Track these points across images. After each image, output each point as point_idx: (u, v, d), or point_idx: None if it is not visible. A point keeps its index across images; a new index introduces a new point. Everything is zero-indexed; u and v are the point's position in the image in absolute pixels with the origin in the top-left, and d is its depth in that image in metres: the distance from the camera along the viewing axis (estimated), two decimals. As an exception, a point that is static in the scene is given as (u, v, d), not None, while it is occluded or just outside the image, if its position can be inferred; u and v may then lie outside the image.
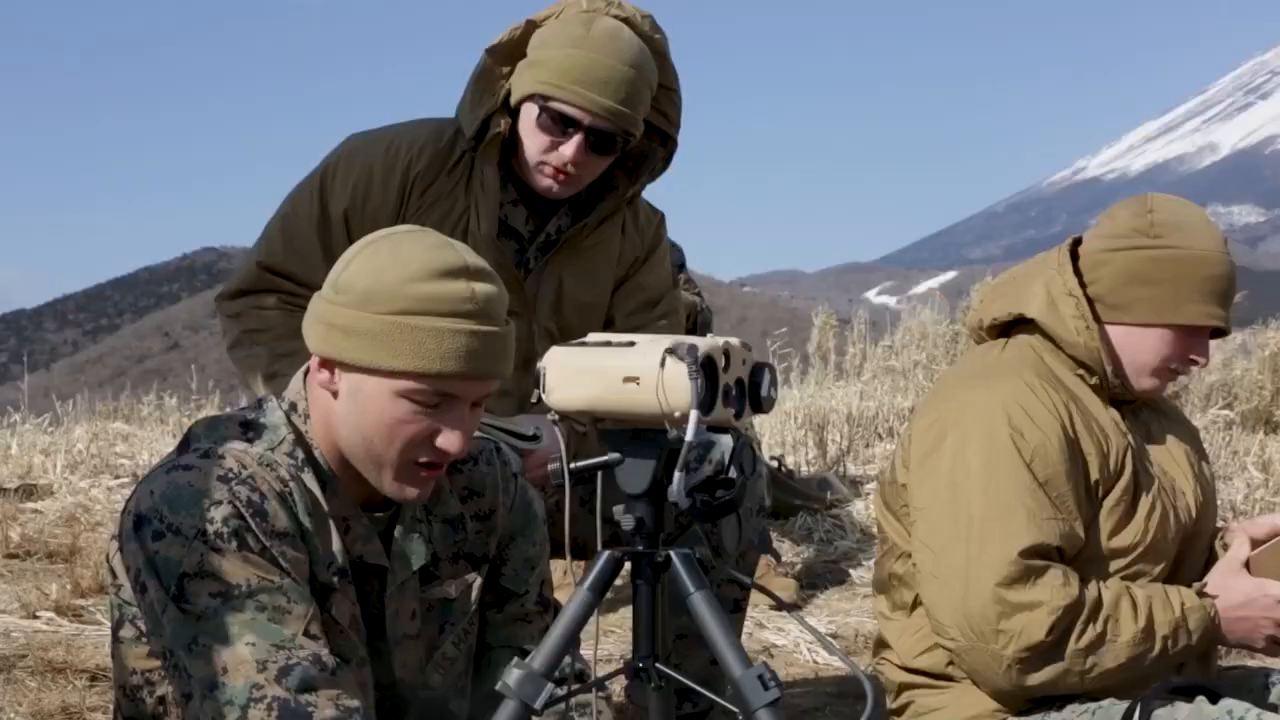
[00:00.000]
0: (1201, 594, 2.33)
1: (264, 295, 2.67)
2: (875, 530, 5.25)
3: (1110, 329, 2.40)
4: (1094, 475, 2.32)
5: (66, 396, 8.05)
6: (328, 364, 1.79)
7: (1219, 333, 2.43)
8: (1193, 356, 2.40)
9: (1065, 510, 2.27)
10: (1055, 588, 2.21)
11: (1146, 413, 2.52)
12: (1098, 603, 2.24)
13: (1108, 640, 2.23)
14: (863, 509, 5.55)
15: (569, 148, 2.55)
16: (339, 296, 1.76)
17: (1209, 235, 2.39)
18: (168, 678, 1.76)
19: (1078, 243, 2.48)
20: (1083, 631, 2.22)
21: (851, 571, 4.91)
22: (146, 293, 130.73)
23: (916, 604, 2.44)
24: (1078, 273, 2.42)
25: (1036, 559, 2.23)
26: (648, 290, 2.81)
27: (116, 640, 1.82)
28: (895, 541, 2.47)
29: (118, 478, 5.91)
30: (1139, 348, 2.39)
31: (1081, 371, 2.41)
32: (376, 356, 1.73)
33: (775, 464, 5.70)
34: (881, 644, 2.55)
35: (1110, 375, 2.40)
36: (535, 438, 2.39)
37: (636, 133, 2.62)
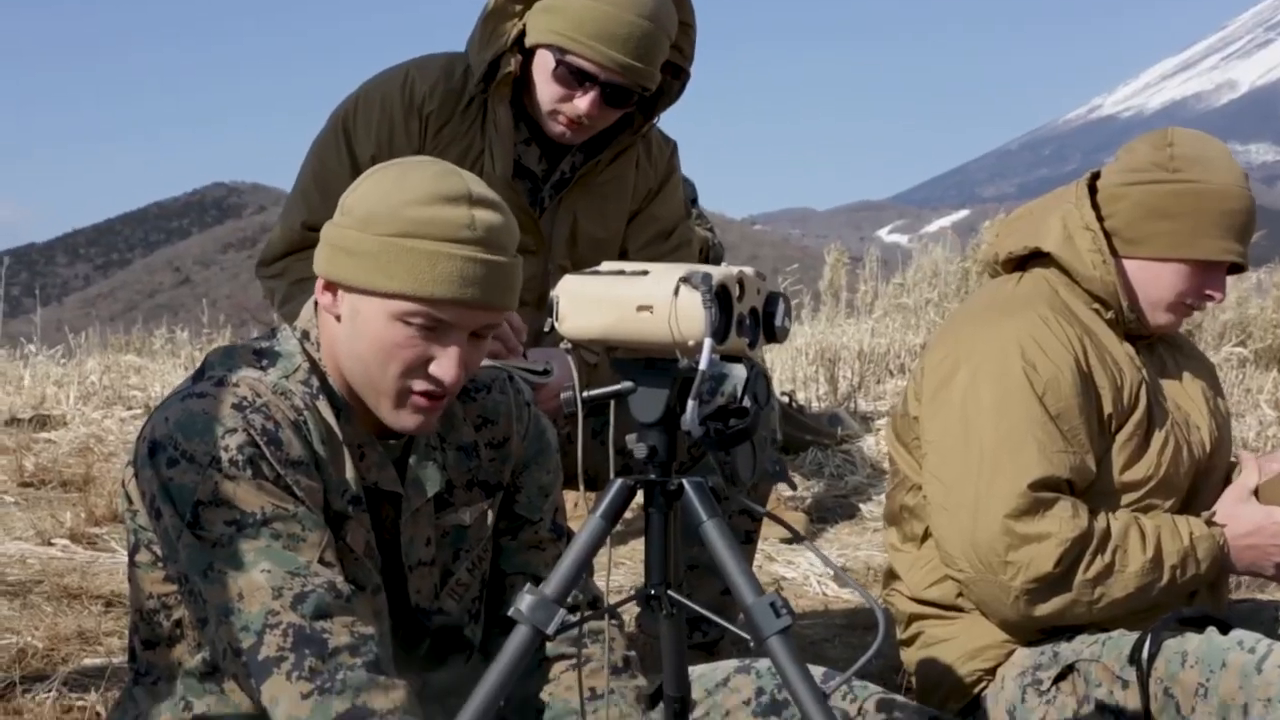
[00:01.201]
0: (1210, 523, 2.34)
1: (304, 251, 2.67)
2: (886, 465, 5.28)
3: (1127, 263, 2.39)
4: (1107, 409, 2.32)
5: (78, 330, 8.08)
6: (331, 286, 1.79)
7: (1236, 268, 2.42)
8: (1209, 292, 2.39)
9: (1077, 444, 2.27)
10: (1064, 520, 2.22)
11: (1162, 348, 2.52)
12: (1106, 534, 2.25)
13: (1115, 570, 2.25)
14: (873, 444, 5.56)
15: (584, 101, 2.54)
16: (343, 218, 1.76)
17: (1229, 170, 2.37)
18: (183, 602, 1.78)
19: (1096, 177, 2.46)
20: (1090, 562, 2.23)
21: (861, 506, 4.93)
22: (156, 228, 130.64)
23: (927, 536, 2.45)
24: (1095, 208, 2.41)
25: (1045, 491, 2.23)
26: (661, 221, 2.80)
27: (133, 565, 1.84)
28: (906, 474, 2.48)
29: (130, 409, 5.94)
30: (1155, 282, 2.38)
31: (1097, 306, 2.41)
32: (373, 278, 1.73)
33: (786, 399, 5.71)
34: (892, 575, 2.56)
35: (1126, 310, 2.39)
36: (546, 372, 2.40)
37: (652, 86, 2.60)
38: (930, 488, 2.37)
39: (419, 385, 1.78)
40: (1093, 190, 2.44)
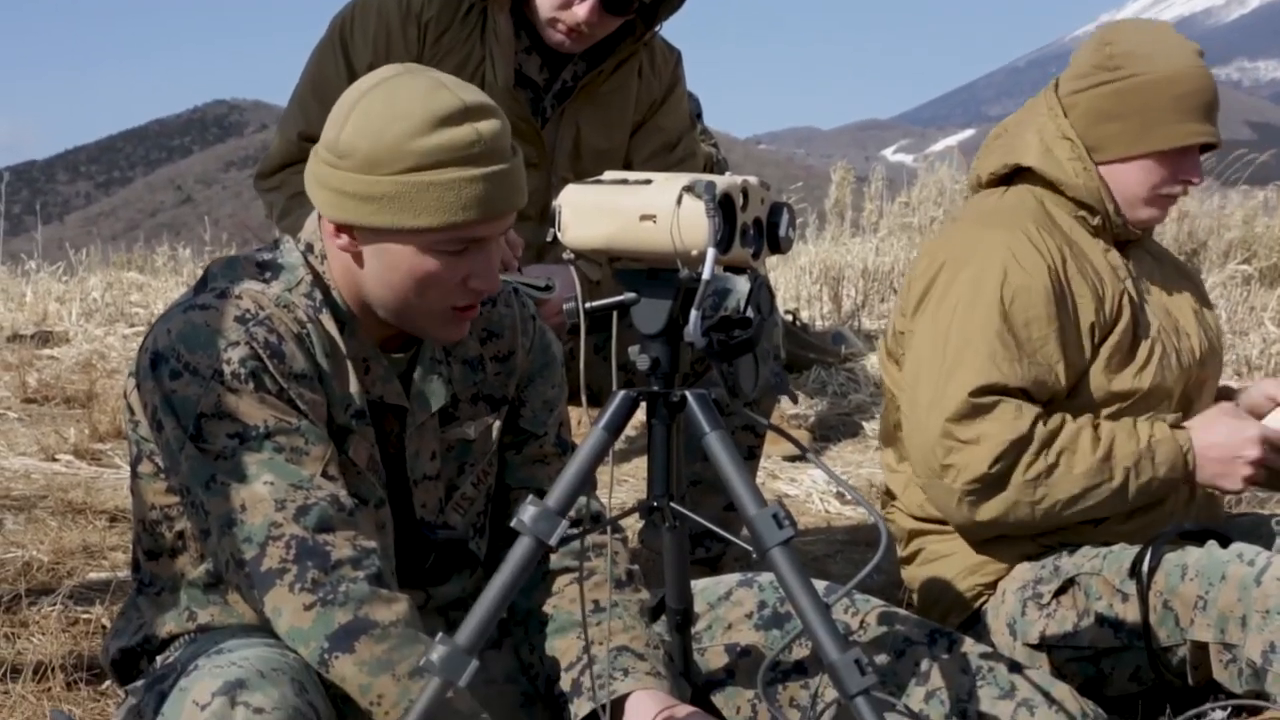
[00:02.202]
0: (1176, 426, 2.32)
1: (303, 163, 2.64)
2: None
3: (1099, 169, 2.38)
4: (1089, 318, 2.32)
5: (80, 248, 8.06)
6: (345, 229, 1.76)
7: (1209, 147, 2.40)
8: (1183, 178, 2.38)
9: (1042, 355, 2.27)
10: (1003, 422, 2.23)
11: (1150, 259, 2.51)
12: (1052, 435, 2.25)
13: (1059, 471, 2.24)
14: (876, 363, 5.54)
15: (582, 8, 2.50)
16: (343, 161, 1.72)
17: (1173, 54, 2.34)
18: (185, 514, 1.78)
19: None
20: (1031, 463, 2.24)
21: (864, 424, 4.93)
22: (157, 145, 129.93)
23: None
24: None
25: (987, 397, 2.24)
26: (666, 132, 2.77)
27: (135, 476, 1.84)
28: (895, 392, 2.48)
29: (133, 326, 5.94)
30: (1124, 181, 2.37)
31: (1083, 213, 2.40)
32: (398, 218, 1.71)
33: (790, 318, 5.69)
34: (890, 495, 2.57)
35: (1112, 214, 2.39)
36: (549, 288, 2.38)
37: None
38: (901, 397, 2.39)
39: (460, 302, 1.78)
40: None
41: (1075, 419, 2.28)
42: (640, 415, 1.76)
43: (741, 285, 1.68)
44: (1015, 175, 2.46)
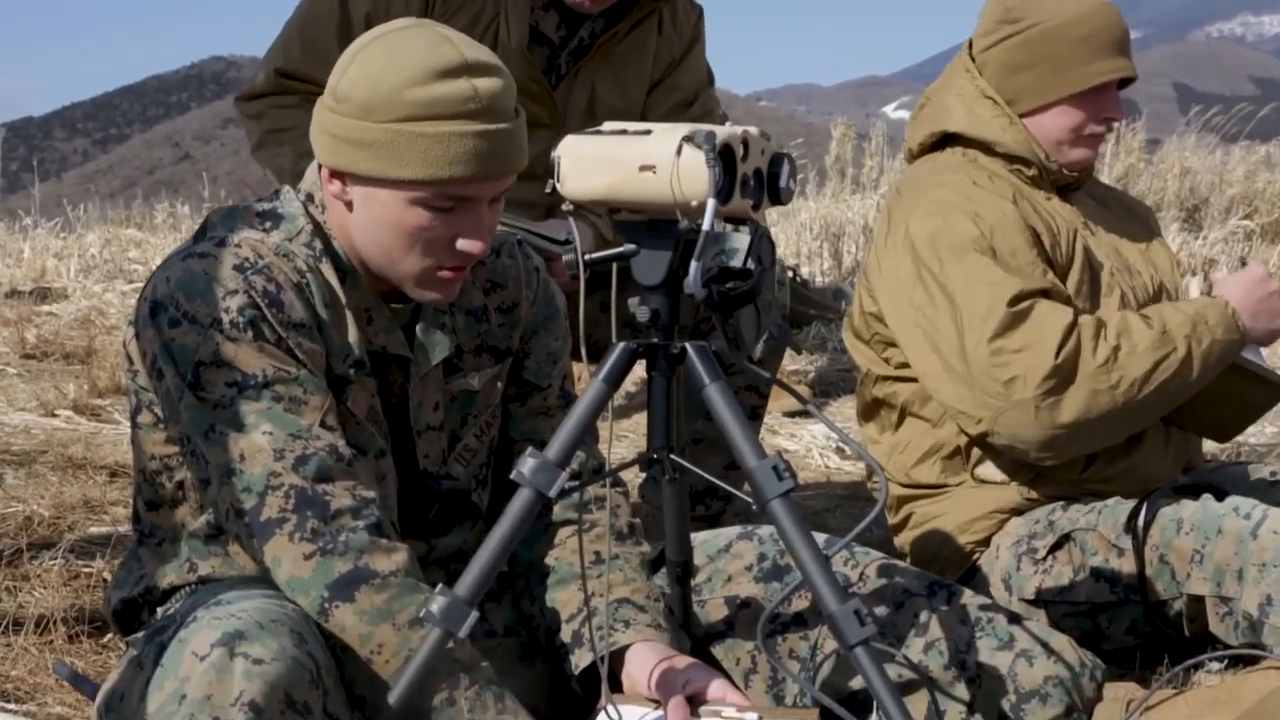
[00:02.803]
0: (1206, 294, 2.33)
1: (285, 96, 2.62)
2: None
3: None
4: (1046, 253, 2.33)
5: (77, 205, 8.04)
6: (338, 175, 1.76)
7: (1126, 81, 2.40)
8: (1105, 116, 2.38)
9: (1040, 271, 2.28)
10: (1046, 316, 2.22)
11: (1093, 202, 2.52)
12: (1100, 322, 2.25)
13: (1124, 351, 2.23)
14: (876, 319, 5.54)
15: None
16: (340, 106, 1.72)
17: None
18: (185, 464, 1.77)
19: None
20: (1095, 348, 2.22)
21: (864, 381, 4.93)
22: (155, 102, 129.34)
23: (901, 421, 2.46)
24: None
25: (1022, 304, 2.23)
26: (683, 90, 2.74)
27: (135, 426, 1.84)
28: (870, 369, 2.49)
29: (131, 282, 5.93)
30: (1047, 129, 2.39)
31: (1017, 167, 2.40)
32: (385, 167, 1.70)
33: (790, 274, 5.68)
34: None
35: (1046, 161, 2.39)
36: (568, 242, 2.37)
37: None
38: (922, 366, 2.35)
39: (446, 262, 1.77)
40: None
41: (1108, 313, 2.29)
42: (641, 370, 1.76)
43: (741, 239, 1.66)
44: (945, 141, 2.46)
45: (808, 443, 4.10)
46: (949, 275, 2.27)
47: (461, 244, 1.75)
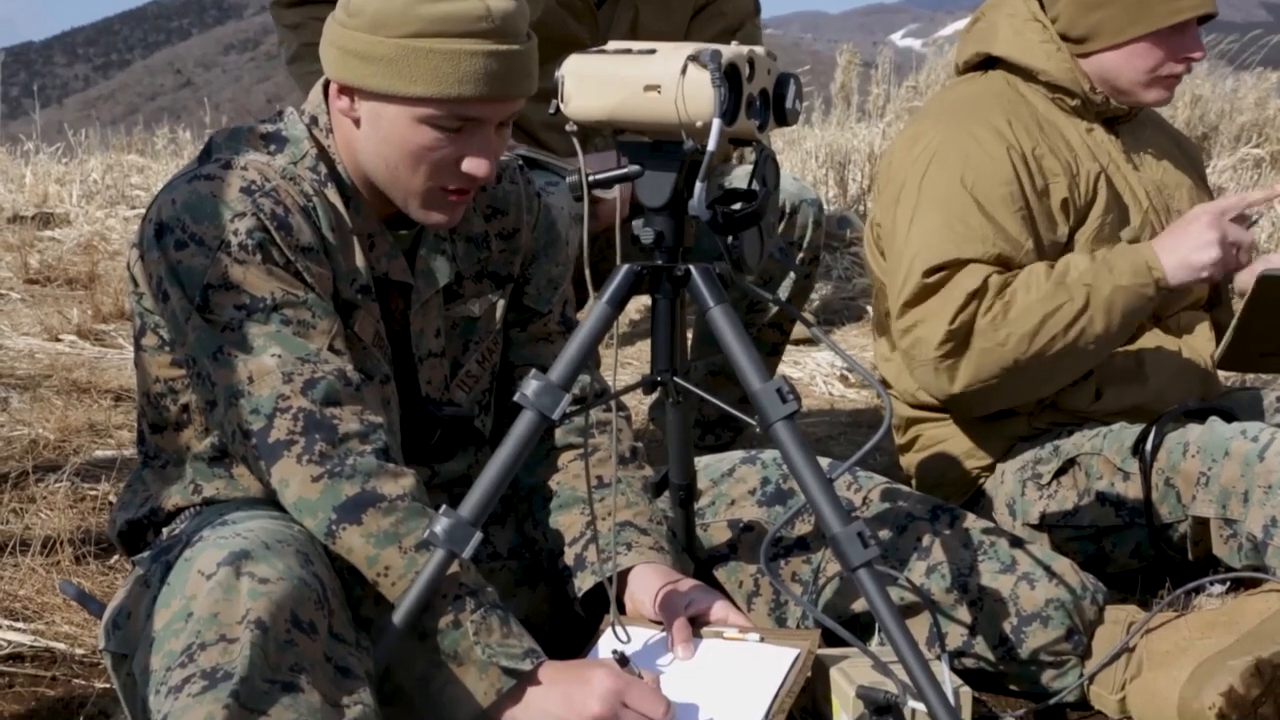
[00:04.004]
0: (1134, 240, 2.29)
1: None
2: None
3: (1093, 59, 2.33)
4: (1062, 194, 2.30)
5: (78, 131, 7.99)
6: (346, 90, 1.74)
7: (1206, 18, 2.34)
8: (1185, 55, 2.32)
9: (1010, 231, 2.24)
10: (957, 282, 2.21)
11: (1148, 132, 2.47)
12: (1007, 281, 2.22)
13: (1015, 306, 2.20)
14: (881, 247, 5.52)
15: None
16: (351, 20, 1.70)
17: None
18: (191, 386, 1.77)
19: None
20: (989, 308, 2.20)
21: (868, 308, 4.92)
22: (156, 27, 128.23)
23: None
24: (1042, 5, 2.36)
25: (940, 273, 2.22)
26: (727, 18, 2.71)
27: (139, 349, 1.83)
28: (885, 282, 2.47)
29: (134, 208, 5.91)
30: (1124, 68, 2.32)
31: (1058, 96, 2.36)
32: (393, 83, 1.68)
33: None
34: (884, 384, 2.57)
35: (1091, 93, 2.35)
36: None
37: None
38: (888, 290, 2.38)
39: (452, 184, 1.76)
40: None
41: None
42: (644, 298, 1.75)
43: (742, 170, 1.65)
44: (991, 62, 2.42)
45: (812, 370, 4.10)
46: (917, 214, 2.27)
47: (468, 165, 1.74)
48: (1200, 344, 2.39)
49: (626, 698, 1.60)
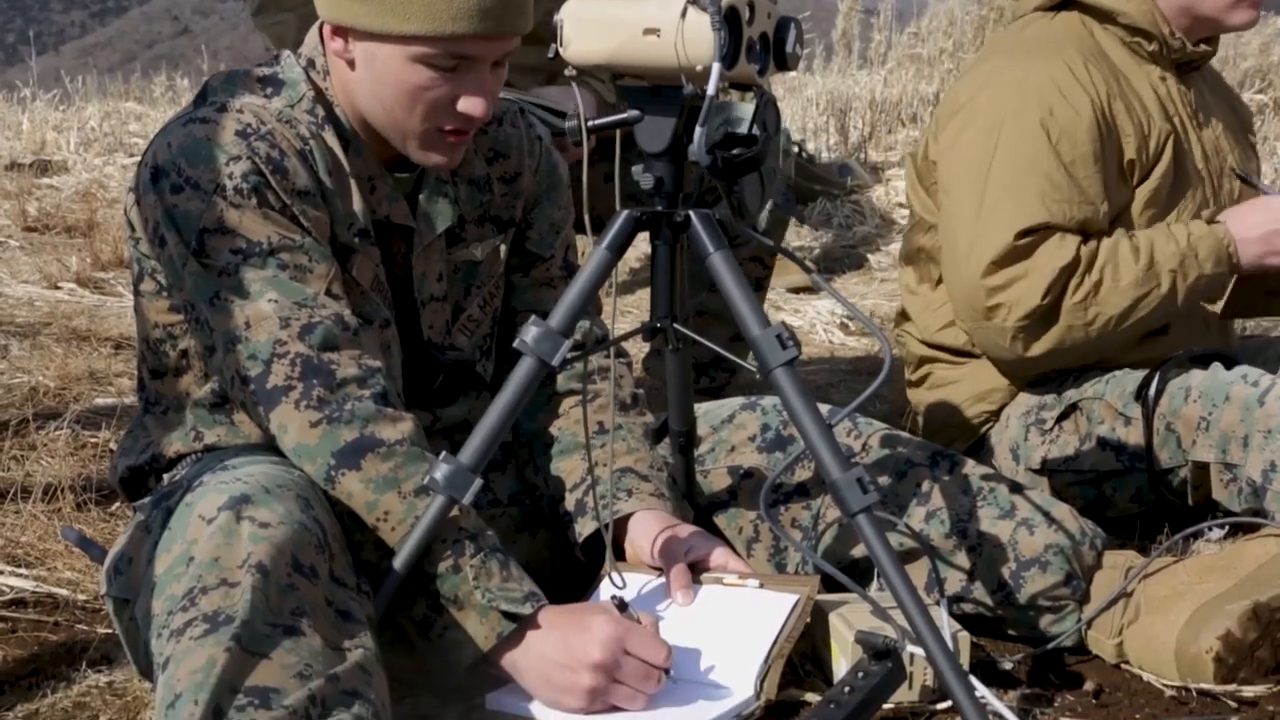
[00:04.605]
0: (1212, 221, 2.28)
1: None
2: (895, 215, 5.24)
3: None
4: (1129, 155, 2.27)
5: (76, 78, 7.94)
6: (340, 31, 1.73)
7: None
8: None
9: (1090, 193, 2.23)
10: (1050, 252, 2.20)
11: (1208, 91, 2.44)
12: (1093, 254, 2.22)
13: (1105, 287, 2.21)
14: (883, 194, 5.50)
15: None
16: None
17: None
18: (190, 331, 1.77)
19: None
20: (1079, 284, 2.20)
21: (870, 256, 4.92)
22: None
23: (941, 279, 2.43)
24: None
25: (1032, 236, 2.21)
26: None
27: (137, 294, 1.83)
28: (922, 215, 2.45)
29: (132, 156, 5.88)
30: None
31: (1137, 40, 2.32)
32: (386, 21, 1.67)
33: (796, 149, 5.62)
34: (904, 317, 2.56)
35: (1169, 37, 2.31)
36: (565, 115, 2.34)
37: None
38: (941, 235, 2.35)
39: (448, 124, 1.75)
40: None
41: (1108, 238, 2.25)
42: (646, 246, 1.75)
43: (745, 108, 1.64)
44: (1064, 3, 2.38)
45: (812, 318, 4.09)
46: (994, 172, 2.24)
47: (463, 105, 1.73)
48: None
49: (627, 644, 1.61)
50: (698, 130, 1.57)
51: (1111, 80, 2.28)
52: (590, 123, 1.68)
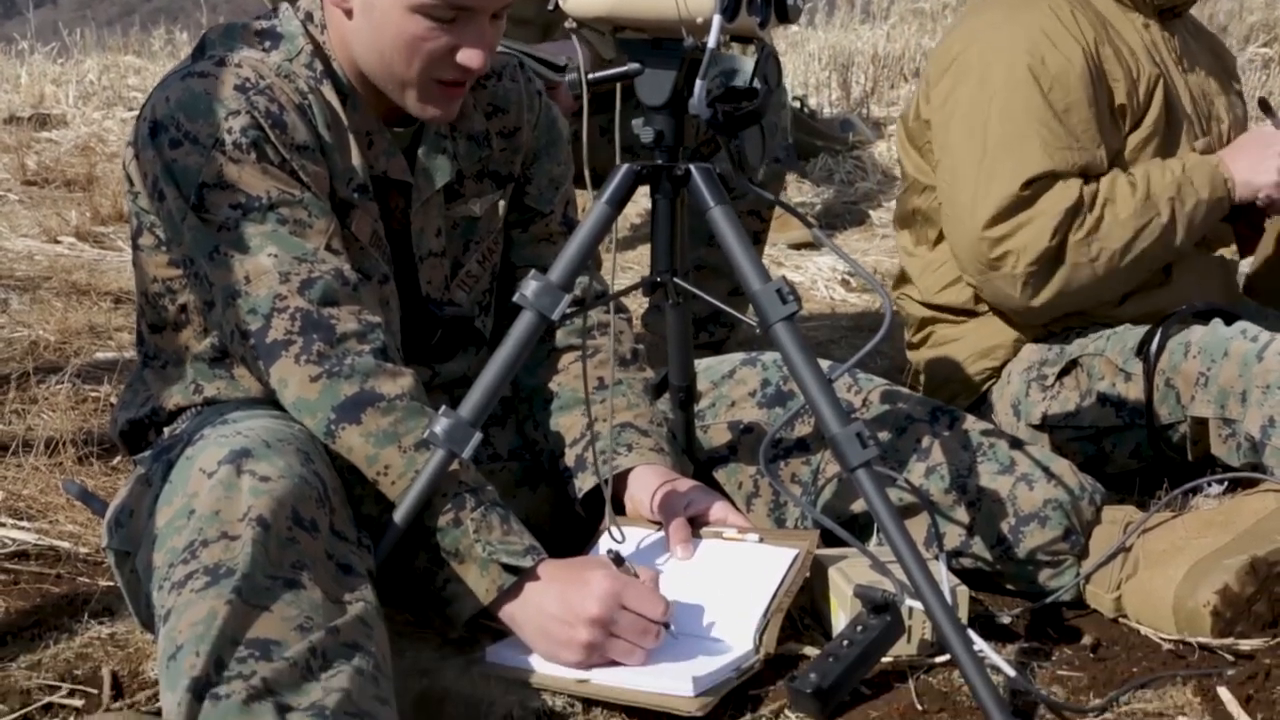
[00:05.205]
0: (1204, 151, 2.30)
1: None
2: (897, 171, 5.21)
3: None
4: (1120, 100, 2.28)
5: (74, 31, 7.89)
6: None
7: None
8: None
9: (1086, 139, 2.23)
10: (1054, 197, 2.21)
11: (1188, 33, 2.44)
12: (1093, 194, 2.23)
13: (1106, 222, 2.22)
14: (885, 150, 5.48)
15: None
16: None
17: None
18: (189, 286, 1.77)
19: None
20: (1081, 223, 2.22)
21: (871, 212, 4.90)
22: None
23: (940, 239, 2.43)
24: None
25: (1036, 184, 2.21)
26: None
27: (136, 248, 1.82)
28: (916, 177, 2.45)
29: (131, 109, 5.86)
30: None
31: None
32: None
33: (797, 105, 5.59)
34: (903, 279, 2.55)
35: None
36: (564, 68, 2.32)
37: None
38: (942, 193, 2.34)
39: (445, 75, 1.74)
40: None
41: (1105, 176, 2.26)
42: (645, 203, 1.74)
43: (747, 64, 1.63)
44: None
45: (813, 274, 4.09)
46: (992, 127, 2.24)
47: (462, 56, 1.72)
48: (1225, 250, 2.40)
49: (624, 599, 1.61)
50: (698, 84, 1.56)
51: (1099, 27, 2.28)
52: (590, 76, 1.67)
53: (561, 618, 1.61)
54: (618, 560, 1.67)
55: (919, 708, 1.62)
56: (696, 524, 1.84)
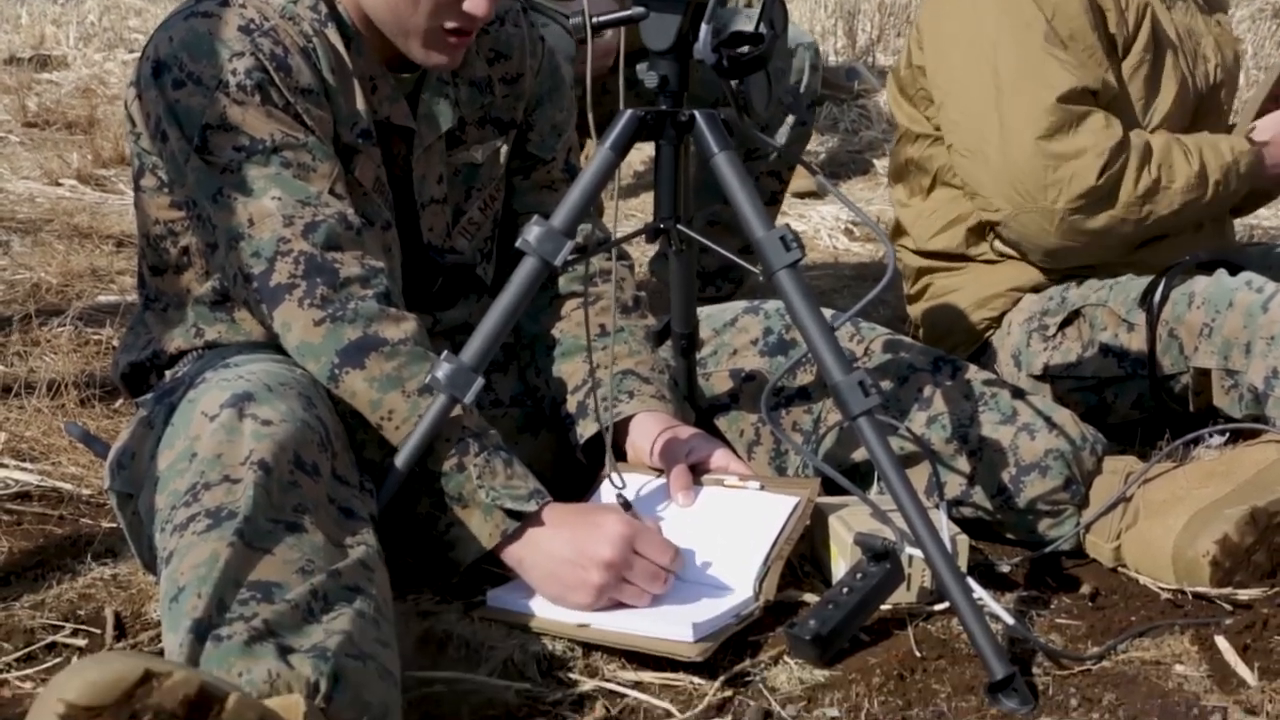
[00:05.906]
0: (1248, 140, 2.32)
1: None
2: (898, 120, 5.19)
3: None
4: (1111, 27, 2.27)
5: (75, -30, 7.81)
6: None
7: None
8: None
9: (1096, 60, 2.22)
10: (1098, 131, 2.20)
11: None
12: (1148, 149, 2.23)
13: (1162, 187, 2.24)
14: (889, 99, 5.45)
15: None
16: None
17: None
18: (191, 228, 1.76)
19: None
20: (1138, 178, 2.22)
21: (876, 161, 4.88)
22: None
23: (933, 187, 2.43)
24: None
25: (1075, 104, 2.19)
26: None
27: (138, 190, 1.82)
28: (909, 127, 2.44)
29: (132, 51, 5.82)
30: None
31: None
32: None
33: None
34: (899, 231, 2.55)
35: None
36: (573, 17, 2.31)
37: None
38: (954, 136, 2.32)
39: (451, 23, 1.72)
40: None
41: (1154, 134, 2.27)
42: (649, 150, 1.73)
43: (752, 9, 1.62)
44: None
45: (816, 224, 4.08)
46: (1001, 60, 2.22)
47: (468, 4, 1.70)
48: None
49: (637, 544, 1.62)
50: (703, 28, 1.55)
51: None
52: (595, 19, 1.65)
53: (574, 560, 1.61)
54: (626, 506, 1.68)
55: (918, 655, 1.63)
56: (697, 471, 1.84)
